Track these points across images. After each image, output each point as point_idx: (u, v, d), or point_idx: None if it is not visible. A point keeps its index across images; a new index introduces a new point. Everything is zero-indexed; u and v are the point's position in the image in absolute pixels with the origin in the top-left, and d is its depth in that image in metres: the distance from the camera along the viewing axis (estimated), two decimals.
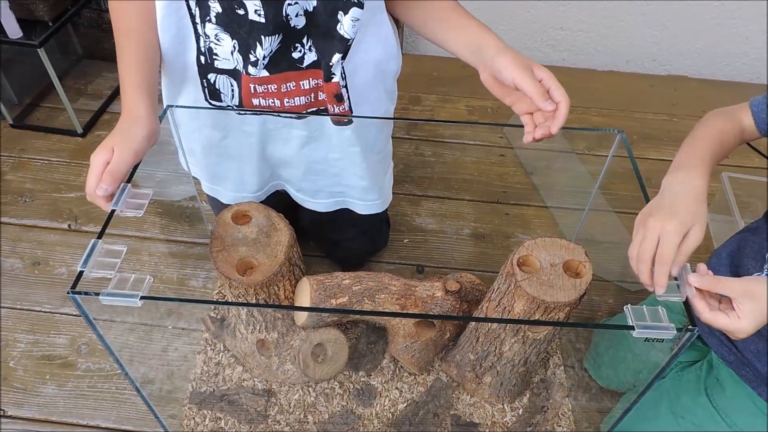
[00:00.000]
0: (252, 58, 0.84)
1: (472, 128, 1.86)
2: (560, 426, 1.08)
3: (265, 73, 0.86)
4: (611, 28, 2.03)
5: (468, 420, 1.07)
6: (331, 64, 0.85)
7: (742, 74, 2.10)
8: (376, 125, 1.05)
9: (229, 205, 1.03)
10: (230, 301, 1.01)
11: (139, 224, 1.50)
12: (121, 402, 1.18)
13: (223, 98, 0.92)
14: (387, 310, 1.03)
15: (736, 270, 0.88)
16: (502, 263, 0.95)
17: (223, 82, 0.90)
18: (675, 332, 0.63)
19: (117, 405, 1.18)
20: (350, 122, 0.98)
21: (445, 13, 0.90)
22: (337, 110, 0.93)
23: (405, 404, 1.09)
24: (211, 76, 0.90)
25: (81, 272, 0.69)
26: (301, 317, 1.03)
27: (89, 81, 1.97)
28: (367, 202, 1.17)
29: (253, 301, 0.97)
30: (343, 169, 1.08)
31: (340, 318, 1.08)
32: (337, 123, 0.98)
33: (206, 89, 0.92)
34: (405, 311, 1.03)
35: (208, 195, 1.20)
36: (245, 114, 0.95)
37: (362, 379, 1.12)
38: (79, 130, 1.75)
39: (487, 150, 1.79)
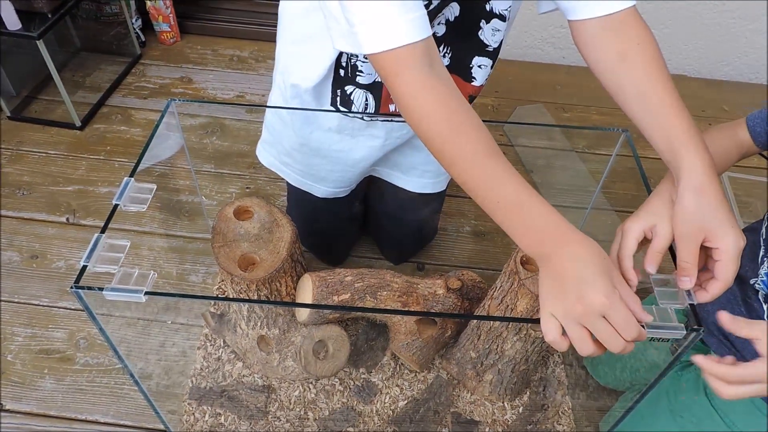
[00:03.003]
0: None
1: None
2: (560, 424, 1.08)
3: None
4: None
5: (468, 418, 1.07)
6: (470, 65, 0.88)
7: (741, 74, 2.10)
8: None
9: (324, 198, 1.15)
10: (231, 296, 1.00)
11: (139, 218, 1.49)
12: (119, 397, 1.18)
13: (353, 108, 0.95)
14: (389, 308, 1.03)
15: None
16: (502, 261, 0.95)
17: (358, 95, 0.93)
18: (684, 332, 0.63)
19: (115, 400, 1.17)
20: None
21: (641, 82, 0.72)
22: None
23: (405, 401, 1.09)
24: (348, 88, 0.92)
25: (84, 267, 0.68)
26: (303, 314, 1.03)
27: (87, 73, 1.95)
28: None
29: (255, 297, 0.97)
30: None
31: (342, 315, 1.07)
32: None
33: (338, 98, 0.94)
34: (407, 309, 1.03)
35: (291, 187, 1.20)
36: (373, 120, 0.98)
37: (363, 376, 1.12)
38: (77, 123, 1.74)
39: None
